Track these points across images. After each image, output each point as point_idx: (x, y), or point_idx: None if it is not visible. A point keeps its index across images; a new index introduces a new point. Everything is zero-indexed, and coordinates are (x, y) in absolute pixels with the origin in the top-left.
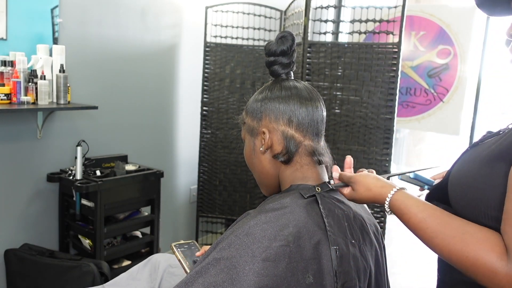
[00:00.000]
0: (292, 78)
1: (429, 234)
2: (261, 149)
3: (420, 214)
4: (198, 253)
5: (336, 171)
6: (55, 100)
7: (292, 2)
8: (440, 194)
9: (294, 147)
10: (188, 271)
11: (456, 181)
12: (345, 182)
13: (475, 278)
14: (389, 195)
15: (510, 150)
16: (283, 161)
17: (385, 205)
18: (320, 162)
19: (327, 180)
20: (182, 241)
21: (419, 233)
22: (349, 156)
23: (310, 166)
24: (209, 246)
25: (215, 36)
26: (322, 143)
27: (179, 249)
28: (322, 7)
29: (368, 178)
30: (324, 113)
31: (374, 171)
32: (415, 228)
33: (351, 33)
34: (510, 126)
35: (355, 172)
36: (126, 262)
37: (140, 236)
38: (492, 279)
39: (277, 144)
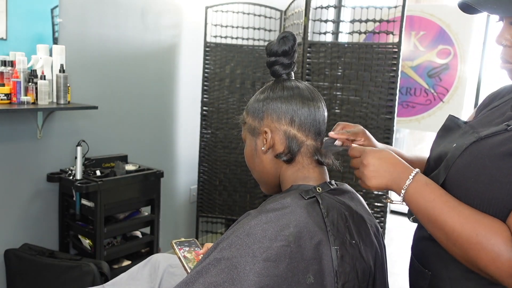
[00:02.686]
0: (293, 78)
1: (446, 210)
2: (262, 148)
3: (436, 192)
4: (201, 251)
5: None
6: (55, 100)
7: (292, 2)
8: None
9: (296, 147)
10: (188, 269)
11: (465, 178)
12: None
13: (475, 259)
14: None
15: None
16: (285, 160)
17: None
18: (321, 163)
19: (328, 180)
20: (182, 239)
21: (435, 211)
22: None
23: (312, 166)
24: (212, 244)
25: (215, 36)
26: None
27: (179, 247)
28: (322, 7)
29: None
30: (326, 113)
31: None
32: (430, 207)
33: (351, 33)
34: None
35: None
36: (126, 262)
37: (140, 236)
38: (495, 261)
39: (279, 144)
